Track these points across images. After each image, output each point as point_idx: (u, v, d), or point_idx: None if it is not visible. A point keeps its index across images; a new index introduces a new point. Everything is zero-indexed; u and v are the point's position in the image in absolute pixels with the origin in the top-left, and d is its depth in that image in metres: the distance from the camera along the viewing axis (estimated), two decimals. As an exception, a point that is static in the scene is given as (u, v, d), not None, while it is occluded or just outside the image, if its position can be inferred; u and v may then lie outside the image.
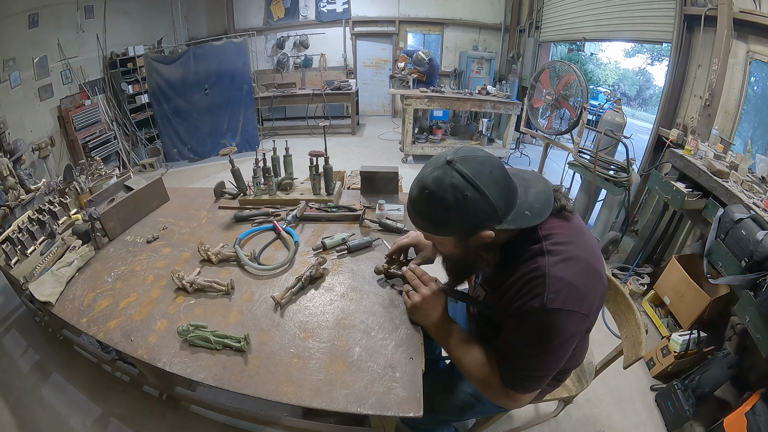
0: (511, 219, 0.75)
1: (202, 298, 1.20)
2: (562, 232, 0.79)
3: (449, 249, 0.84)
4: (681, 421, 1.64)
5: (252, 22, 6.41)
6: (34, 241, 1.61)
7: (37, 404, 1.72)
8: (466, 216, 0.73)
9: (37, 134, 3.66)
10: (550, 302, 0.71)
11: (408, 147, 4.78)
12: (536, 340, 0.76)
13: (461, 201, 0.71)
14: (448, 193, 0.71)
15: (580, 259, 0.76)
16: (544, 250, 0.76)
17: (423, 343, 1.01)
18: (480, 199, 0.71)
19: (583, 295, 0.74)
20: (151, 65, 4.68)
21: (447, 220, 0.74)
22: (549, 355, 0.78)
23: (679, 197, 2.10)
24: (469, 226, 0.74)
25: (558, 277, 0.72)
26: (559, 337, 0.75)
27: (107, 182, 1.95)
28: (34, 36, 3.69)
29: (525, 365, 0.80)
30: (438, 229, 0.78)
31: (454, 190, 0.71)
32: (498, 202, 0.73)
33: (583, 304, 0.74)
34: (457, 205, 0.71)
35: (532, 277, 0.75)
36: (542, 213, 0.78)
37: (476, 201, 0.71)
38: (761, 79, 2.50)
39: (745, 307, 1.50)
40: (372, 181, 1.80)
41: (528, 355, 0.79)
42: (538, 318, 0.73)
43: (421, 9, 6.40)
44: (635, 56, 10.10)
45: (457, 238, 0.79)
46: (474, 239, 0.76)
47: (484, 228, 0.74)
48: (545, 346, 0.76)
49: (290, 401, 0.88)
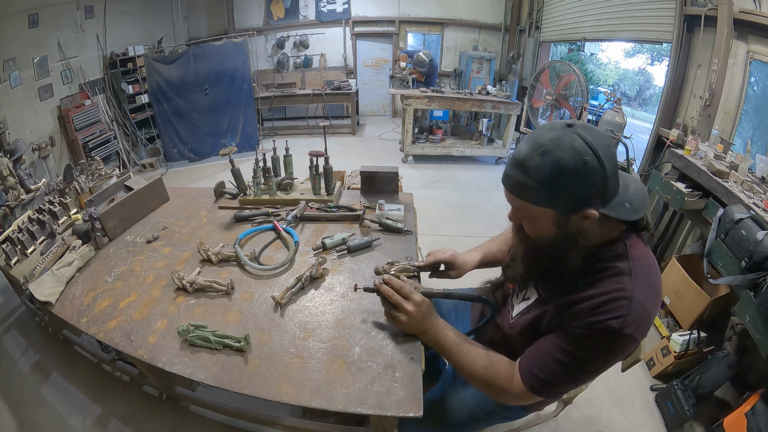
0: (613, 206, 0.71)
1: (202, 298, 1.20)
2: (646, 255, 0.77)
3: (542, 228, 0.75)
4: (681, 421, 1.63)
5: (252, 22, 6.41)
6: (34, 241, 1.61)
7: (37, 404, 1.72)
8: (580, 184, 0.66)
9: (37, 134, 3.66)
10: (628, 326, 0.69)
11: (408, 147, 4.78)
12: (593, 357, 0.74)
13: (580, 165, 0.65)
14: (567, 153, 0.65)
15: (657, 289, 0.75)
16: (632, 271, 0.73)
17: (423, 343, 1.01)
18: (598, 170, 0.66)
19: (650, 325, 0.74)
20: (151, 65, 4.68)
21: (559, 186, 0.67)
22: (590, 372, 0.77)
23: (679, 197, 2.10)
24: (580, 198, 0.68)
25: (641, 303, 0.70)
26: (613, 360, 0.75)
27: (107, 182, 1.95)
28: (34, 36, 3.69)
29: (560, 374, 0.76)
30: (545, 195, 0.69)
31: (575, 152, 0.65)
32: (611, 179, 0.68)
33: (645, 333, 0.74)
34: (575, 170, 0.65)
35: (616, 297, 0.71)
36: (639, 210, 0.74)
37: (594, 170, 0.66)
38: (761, 79, 2.50)
39: (745, 307, 1.50)
40: (372, 181, 1.80)
41: (570, 368, 0.76)
42: (611, 339, 0.71)
43: (421, 9, 6.40)
44: (635, 56, 10.11)
45: (559, 213, 0.71)
46: (576, 218, 0.70)
47: (590, 205, 0.68)
48: (594, 364, 0.75)
49: (290, 401, 0.88)
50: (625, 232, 0.78)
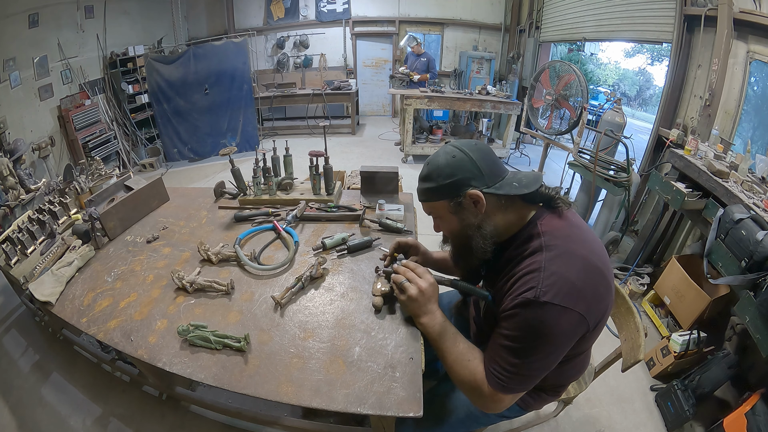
0: (499, 186, 0.84)
1: (202, 298, 1.20)
2: (560, 228, 0.81)
3: (448, 220, 0.90)
4: (681, 421, 1.64)
5: (252, 22, 6.41)
6: (34, 241, 1.61)
7: (37, 404, 1.72)
8: (453, 172, 0.84)
9: (37, 134, 3.66)
10: (543, 294, 0.72)
11: (408, 147, 4.78)
12: (525, 334, 0.76)
13: (450, 160, 0.85)
14: (440, 157, 0.87)
15: (578, 255, 0.76)
16: (543, 245, 0.78)
17: (423, 343, 1.01)
18: (466, 159, 0.84)
19: (578, 292, 0.73)
20: (151, 65, 4.68)
21: (439, 178, 0.85)
22: (537, 352, 0.76)
23: (679, 197, 2.10)
24: (459, 182, 0.84)
25: (552, 271, 0.73)
26: (549, 333, 0.74)
27: (107, 182, 1.95)
28: (34, 36, 3.69)
29: (511, 362, 0.78)
30: (435, 191, 0.87)
31: (445, 154, 0.87)
32: (482, 164, 0.84)
33: (578, 303, 0.72)
34: (446, 163, 0.85)
35: (528, 271, 0.77)
36: (530, 185, 0.84)
37: (462, 160, 0.84)
38: (761, 79, 2.50)
39: (745, 307, 1.50)
40: (372, 181, 1.80)
41: (516, 350, 0.77)
42: (530, 311, 0.73)
43: (421, 9, 6.39)
44: (635, 56, 10.11)
45: (449, 202, 0.86)
46: (465, 201, 0.84)
47: (470, 186, 0.83)
48: (534, 341, 0.75)
49: (290, 401, 0.88)
50: (537, 214, 0.86)
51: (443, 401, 1.12)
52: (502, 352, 0.80)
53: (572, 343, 0.78)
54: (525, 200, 0.86)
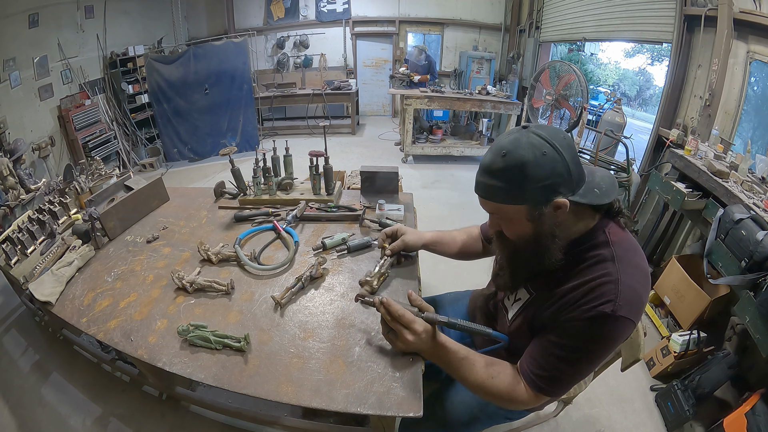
0: (582, 193, 0.75)
1: (202, 298, 1.20)
2: (626, 239, 0.79)
3: (519, 227, 0.78)
4: (681, 421, 1.63)
5: (252, 22, 6.41)
6: (34, 241, 1.61)
7: (37, 404, 1.72)
8: (544, 174, 0.70)
9: (37, 134, 3.66)
10: (620, 309, 0.70)
11: (408, 147, 4.78)
12: (591, 345, 0.75)
13: (539, 158, 0.70)
14: (526, 150, 0.70)
15: (643, 270, 0.76)
16: (615, 256, 0.75)
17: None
18: (558, 159, 0.71)
19: (643, 305, 0.75)
20: (151, 65, 4.68)
21: (524, 180, 0.71)
22: (593, 361, 0.77)
23: (679, 197, 2.10)
24: (546, 188, 0.72)
25: (629, 285, 0.72)
26: (613, 344, 0.75)
27: (107, 182, 1.95)
28: (34, 36, 3.69)
29: (564, 369, 0.77)
30: (514, 193, 0.73)
31: (533, 147, 0.70)
32: (572, 166, 0.73)
33: (639, 314, 0.75)
34: (536, 162, 0.70)
35: (603, 282, 0.73)
36: (609, 194, 0.77)
37: (554, 159, 0.70)
38: (761, 79, 2.50)
39: (745, 307, 1.50)
40: (372, 181, 1.80)
41: (573, 361, 0.77)
42: (604, 324, 0.72)
43: (421, 9, 6.40)
44: (635, 56, 10.11)
45: (530, 208, 0.74)
46: (548, 210, 0.74)
47: (559, 193, 0.72)
48: (596, 352, 0.76)
49: (290, 401, 0.88)
50: (601, 221, 0.80)
51: (445, 404, 1.11)
52: (556, 362, 0.77)
53: None
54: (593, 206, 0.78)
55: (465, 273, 2.34)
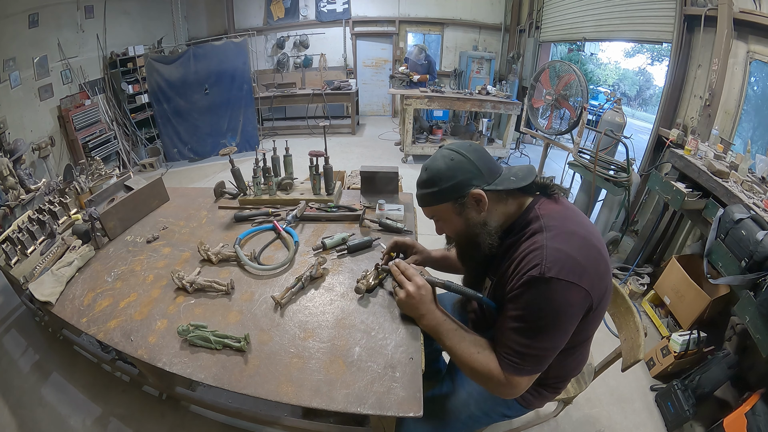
0: (498, 182, 0.88)
1: (202, 298, 1.20)
2: (558, 210, 0.85)
3: (452, 222, 0.92)
4: (681, 421, 1.64)
5: (252, 22, 6.41)
6: (34, 241, 1.61)
7: (37, 404, 1.72)
8: (454, 174, 0.86)
9: (37, 134, 3.66)
10: (548, 270, 0.74)
11: (408, 147, 4.78)
12: (534, 312, 0.77)
13: (449, 163, 0.87)
14: (439, 161, 0.89)
15: (577, 234, 0.79)
16: (543, 226, 0.81)
17: (423, 343, 1.01)
18: (464, 161, 0.87)
19: (582, 268, 0.75)
20: (151, 65, 4.68)
21: (440, 182, 0.88)
22: (547, 329, 0.78)
23: (679, 197, 2.10)
24: (461, 184, 0.86)
25: (555, 248, 0.76)
26: (557, 309, 0.76)
27: (107, 182, 1.95)
28: (34, 36, 3.69)
29: (521, 341, 0.80)
30: (438, 194, 0.89)
31: (443, 158, 0.89)
32: (480, 164, 0.87)
33: (582, 278, 0.75)
34: (446, 166, 0.87)
35: (530, 250, 0.79)
36: (527, 177, 0.88)
37: (461, 162, 0.87)
38: (761, 79, 2.50)
39: (745, 307, 1.50)
40: (372, 181, 1.80)
41: (525, 330, 0.79)
42: (536, 288, 0.75)
43: (421, 9, 6.40)
44: (635, 56, 10.10)
45: (453, 203, 0.89)
46: (469, 201, 0.87)
47: (472, 186, 0.86)
48: (543, 319, 0.77)
49: (290, 401, 0.88)
50: (533, 201, 0.89)
51: (444, 402, 1.12)
52: (513, 335, 0.81)
53: (578, 320, 0.80)
54: (522, 191, 0.90)
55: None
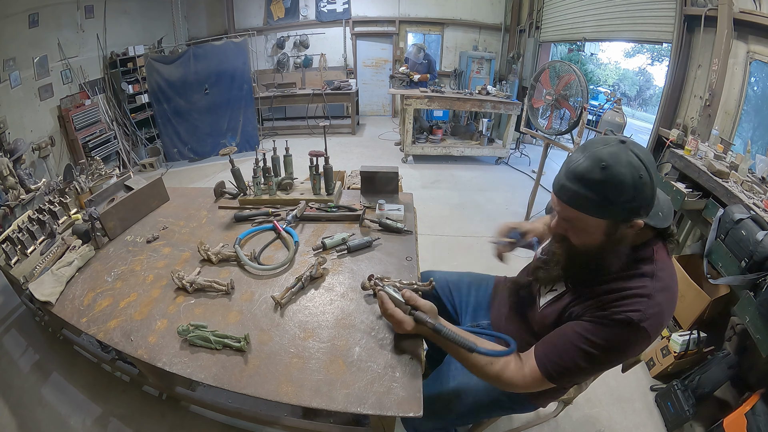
0: (652, 215, 0.79)
1: (202, 298, 1.20)
2: (668, 263, 0.83)
3: (591, 237, 0.79)
4: (681, 421, 1.63)
5: (252, 22, 6.40)
6: (34, 241, 1.61)
7: (37, 404, 1.72)
8: (635, 197, 0.71)
9: (37, 134, 3.66)
10: (644, 320, 0.75)
11: (408, 147, 4.78)
12: (610, 347, 0.78)
13: (636, 180, 0.70)
14: (626, 169, 0.70)
15: (674, 295, 0.81)
16: (655, 273, 0.79)
17: (423, 343, 1.01)
18: (650, 184, 0.72)
19: (663, 326, 0.79)
20: (151, 65, 4.68)
21: (618, 199, 0.71)
22: (607, 361, 0.81)
23: (679, 197, 2.10)
24: (633, 209, 0.73)
25: (659, 303, 0.77)
26: (628, 351, 0.79)
27: (107, 182, 1.95)
28: (34, 36, 3.69)
29: (579, 364, 0.80)
30: (604, 207, 0.73)
31: (632, 168, 0.70)
32: (656, 192, 0.75)
33: (658, 333, 0.78)
34: (632, 184, 0.70)
35: (638, 293, 0.78)
36: (668, 218, 0.83)
37: (647, 185, 0.71)
38: (761, 79, 2.50)
39: (745, 307, 1.50)
40: (372, 181, 1.80)
41: (590, 358, 0.79)
42: (627, 329, 0.76)
43: (421, 9, 6.39)
44: (635, 56, 10.10)
45: (611, 223, 0.75)
46: (626, 227, 0.76)
47: (640, 216, 0.74)
48: (613, 353, 0.79)
49: (290, 401, 0.88)
50: (653, 239, 0.84)
51: (450, 389, 1.11)
52: (573, 351, 0.80)
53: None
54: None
55: (461, 255, 2.33)
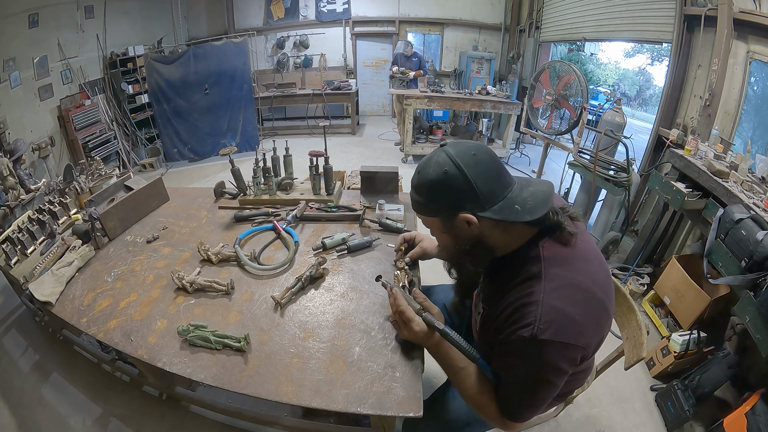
0: (498, 209, 0.74)
1: (202, 298, 1.20)
2: (564, 255, 0.75)
3: (441, 236, 0.85)
4: (681, 421, 1.63)
5: (252, 22, 6.41)
6: (34, 241, 1.61)
7: (37, 404, 1.72)
8: (444, 192, 0.74)
9: (37, 134, 3.66)
10: (541, 333, 0.67)
11: (408, 147, 4.78)
12: (527, 372, 0.74)
13: (441, 176, 0.74)
14: (431, 169, 0.75)
15: (580, 287, 0.72)
16: (542, 274, 0.72)
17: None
18: (459, 176, 0.73)
19: (580, 327, 0.70)
20: (151, 65, 4.68)
21: (430, 196, 0.77)
22: (541, 386, 0.75)
23: (679, 197, 2.10)
24: (451, 203, 0.75)
25: (552, 306, 0.69)
26: (550, 370, 0.71)
27: (107, 182, 1.95)
28: (34, 36, 3.69)
29: (519, 397, 0.78)
30: (427, 207, 0.79)
31: (438, 166, 0.75)
32: (478, 183, 0.73)
33: (580, 337, 0.70)
34: (438, 180, 0.74)
35: (524, 303, 0.71)
36: (535, 211, 0.73)
37: (455, 177, 0.73)
38: (761, 79, 2.50)
39: (745, 307, 1.50)
40: (372, 181, 1.80)
41: (521, 387, 0.77)
42: (528, 349, 0.70)
43: (421, 9, 6.39)
44: (635, 56, 10.10)
45: (441, 220, 0.79)
46: (457, 222, 0.76)
47: (463, 209, 0.74)
48: (536, 378, 0.74)
49: (290, 401, 0.88)
50: (537, 235, 0.77)
51: (446, 402, 1.11)
52: (507, 387, 0.80)
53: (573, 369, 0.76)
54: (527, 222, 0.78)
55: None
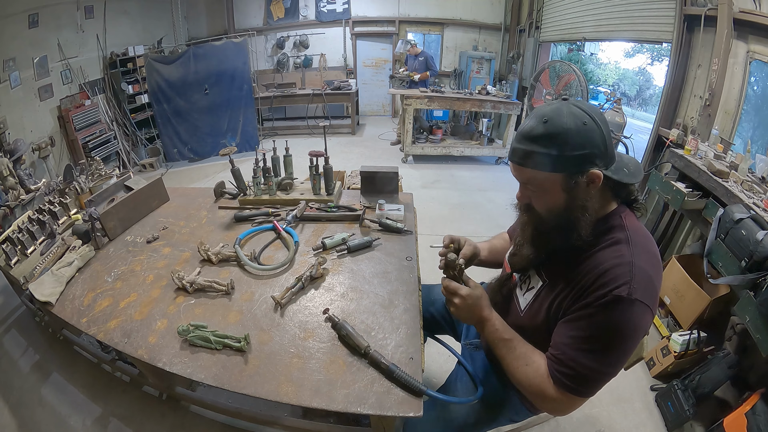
0: (614, 169, 0.76)
1: (202, 298, 1.20)
2: (640, 227, 0.80)
3: (552, 198, 0.77)
4: (681, 421, 1.63)
5: (252, 22, 6.41)
6: (34, 241, 1.61)
7: (37, 404, 1.72)
8: (583, 143, 0.71)
9: (37, 134, 3.66)
10: (635, 291, 0.69)
11: (408, 147, 4.78)
12: (611, 332, 0.72)
13: (580, 127, 0.71)
14: (568, 119, 0.72)
15: (656, 256, 0.76)
16: (630, 239, 0.75)
17: (423, 343, 1.01)
18: (596, 130, 0.72)
19: (656, 292, 0.74)
20: (151, 65, 4.68)
21: (564, 147, 0.71)
22: (618, 350, 0.73)
23: (679, 197, 2.10)
24: (584, 157, 0.72)
25: (643, 268, 0.71)
26: (633, 332, 0.71)
27: (107, 182, 1.95)
28: (34, 36, 3.69)
29: (588, 365, 0.73)
30: (553, 159, 0.72)
31: (574, 117, 0.72)
32: (608, 140, 0.74)
33: (655, 303, 0.73)
34: (576, 131, 0.71)
35: (616, 264, 0.72)
36: (636, 175, 0.79)
37: (593, 130, 0.72)
38: (761, 79, 2.50)
39: (745, 307, 1.50)
40: (372, 181, 1.80)
41: (596, 350, 0.73)
42: (621, 308, 0.70)
43: (421, 9, 6.40)
44: (635, 56, 10.11)
45: (566, 176, 0.74)
46: (582, 181, 0.74)
47: (595, 164, 0.73)
48: (618, 339, 0.72)
49: (290, 401, 0.88)
50: (619, 207, 0.82)
51: (451, 405, 1.09)
52: (580, 357, 0.74)
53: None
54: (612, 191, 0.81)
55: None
